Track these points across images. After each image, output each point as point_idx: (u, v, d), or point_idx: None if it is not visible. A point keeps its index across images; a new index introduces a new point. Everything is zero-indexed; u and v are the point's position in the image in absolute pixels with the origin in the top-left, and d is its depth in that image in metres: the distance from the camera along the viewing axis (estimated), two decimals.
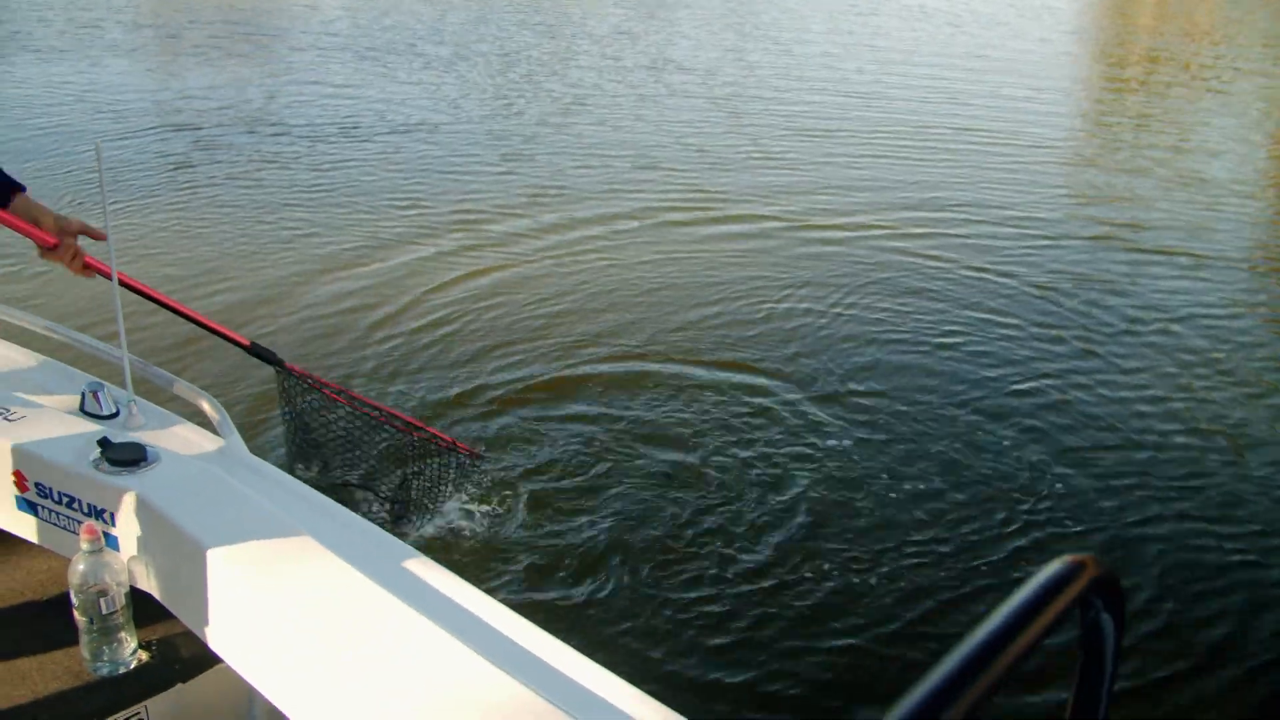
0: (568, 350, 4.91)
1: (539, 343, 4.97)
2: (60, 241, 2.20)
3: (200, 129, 8.57)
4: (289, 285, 5.58)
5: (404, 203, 6.98)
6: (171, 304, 2.62)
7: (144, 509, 1.97)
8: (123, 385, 2.32)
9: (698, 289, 5.72)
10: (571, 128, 8.94)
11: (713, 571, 3.37)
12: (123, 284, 2.22)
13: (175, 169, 7.38)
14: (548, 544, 3.47)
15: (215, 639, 1.85)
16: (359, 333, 5.03)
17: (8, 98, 9.64)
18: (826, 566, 3.44)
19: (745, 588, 3.32)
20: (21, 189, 2.23)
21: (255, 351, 2.92)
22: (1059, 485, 4.00)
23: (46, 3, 15.25)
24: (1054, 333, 5.38)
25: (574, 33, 13.38)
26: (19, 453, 2.11)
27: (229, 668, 1.84)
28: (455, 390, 4.45)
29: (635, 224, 6.75)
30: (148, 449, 2.09)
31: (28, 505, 2.15)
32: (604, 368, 4.72)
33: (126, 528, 2.01)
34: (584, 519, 3.60)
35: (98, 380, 2.39)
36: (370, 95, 9.94)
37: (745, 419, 4.36)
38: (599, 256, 6.14)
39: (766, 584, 3.33)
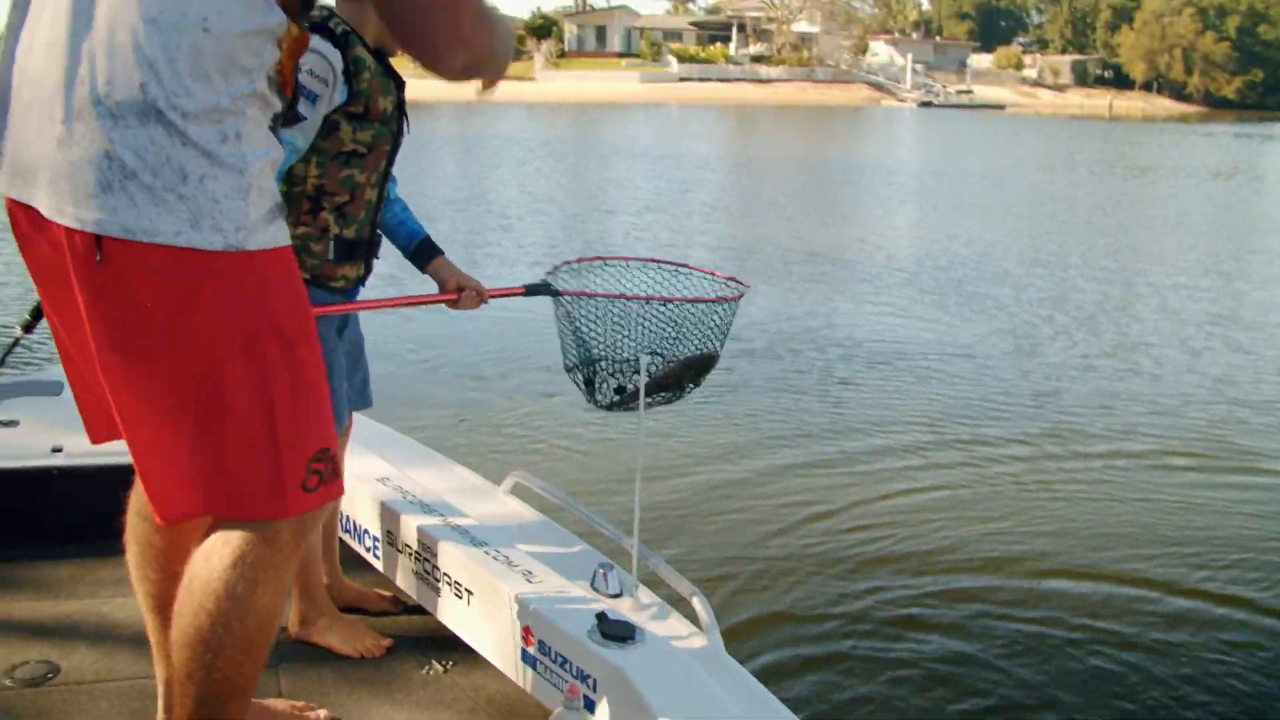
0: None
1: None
2: (459, 295, 2.82)
3: (751, 342, 9.27)
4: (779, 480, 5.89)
5: (917, 421, 7.17)
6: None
7: (623, 683, 2.20)
8: (629, 570, 2.61)
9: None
10: (1095, 373, 8.67)
11: None
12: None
13: (722, 381, 7.95)
14: None
15: None
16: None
17: None
18: None
19: None
20: (441, 252, 2.89)
21: (532, 290, 2.95)
22: None
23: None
24: None
25: (1136, 277, 13.05)
26: (534, 613, 2.45)
27: None
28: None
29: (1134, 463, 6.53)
30: (638, 630, 2.35)
31: (529, 658, 2.47)
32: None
33: (604, 695, 2.25)
34: None
35: (609, 561, 2.71)
36: (916, 326, 10.26)
37: None
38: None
39: None
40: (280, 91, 1.80)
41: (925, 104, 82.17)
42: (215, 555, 1.84)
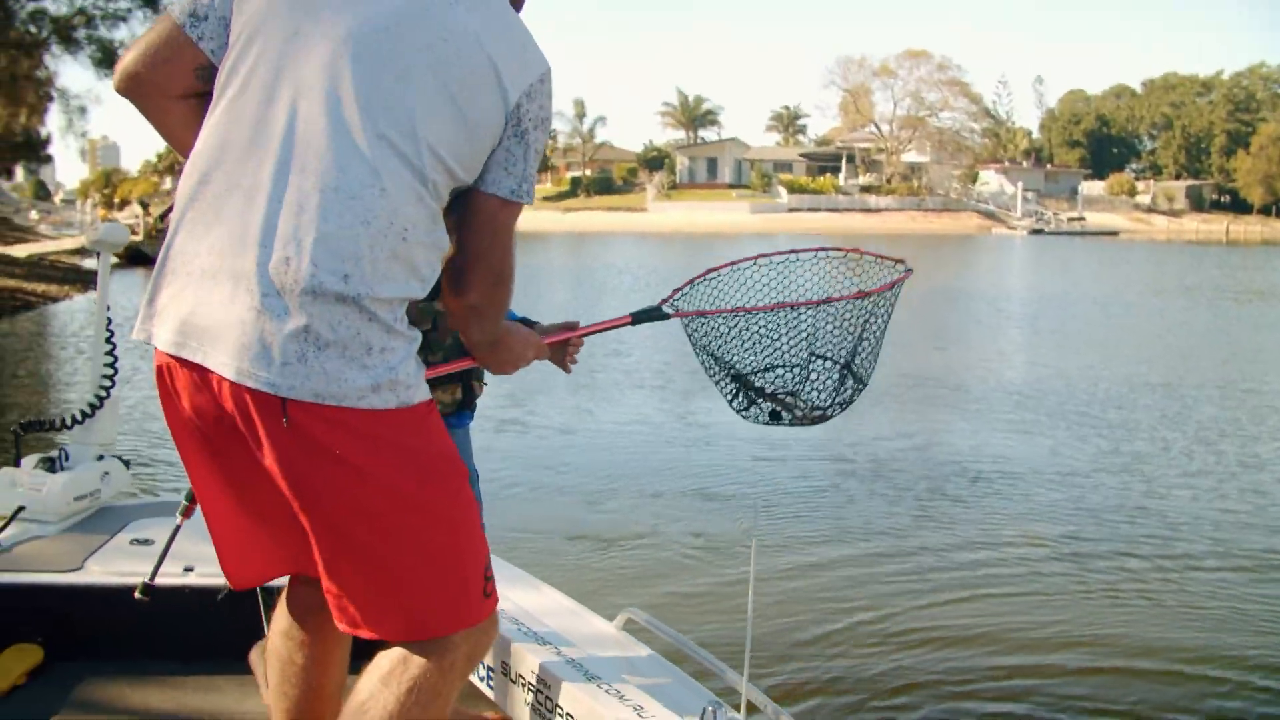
0: None
1: None
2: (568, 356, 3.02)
3: (856, 461, 9.21)
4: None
5: (1028, 541, 7.00)
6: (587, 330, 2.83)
7: None
8: (739, 710, 2.62)
9: None
10: (1202, 493, 8.38)
11: None
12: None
13: (836, 520, 7.89)
14: None
15: None
16: None
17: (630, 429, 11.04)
18: None
19: None
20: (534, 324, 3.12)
21: (641, 318, 2.85)
22: None
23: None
24: None
25: (1250, 400, 12.67)
26: None
27: None
28: None
29: None
30: None
31: None
32: None
33: None
34: None
35: (718, 700, 2.71)
36: (1026, 447, 10.08)
37: None
38: None
39: None
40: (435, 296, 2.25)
41: (1036, 231, 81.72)
42: (394, 680, 2.04)
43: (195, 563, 3.44)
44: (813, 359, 2.88)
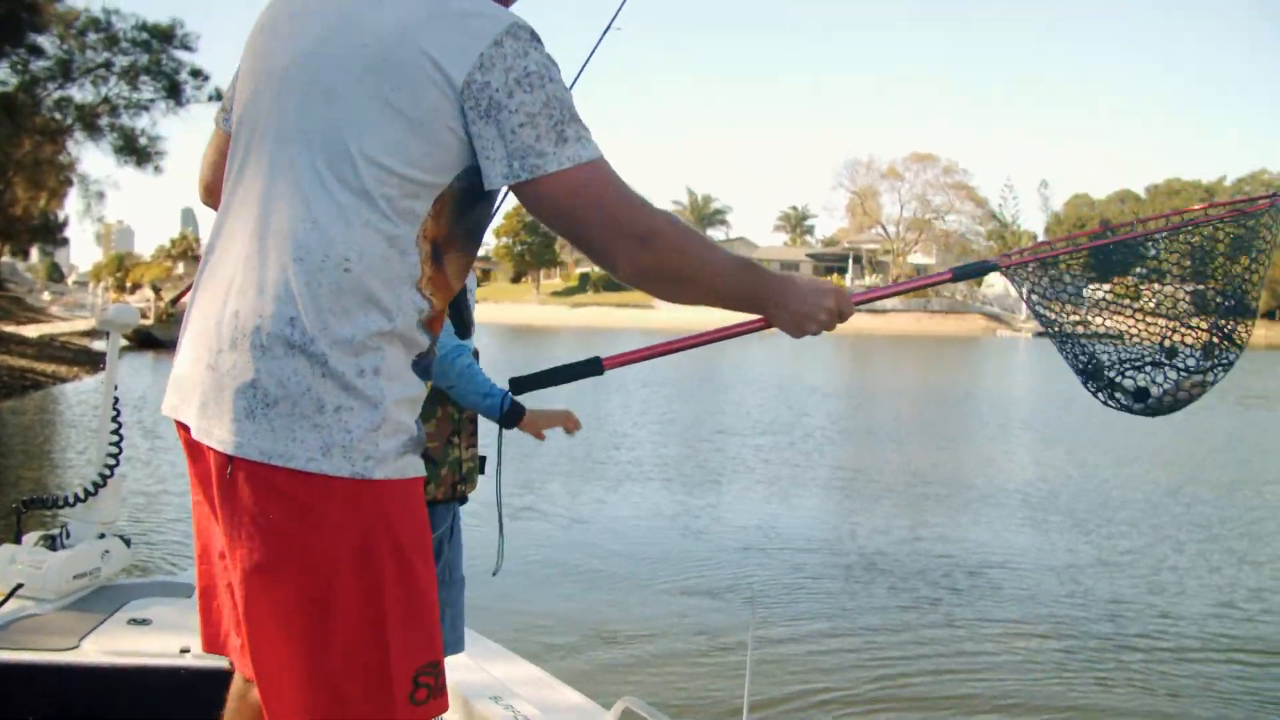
0: None
1: None
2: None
3: (849, 556, 9.18)
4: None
5: (1033, 637, 6.94)
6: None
7: None
8: None
9: None
10: (1203, 590, 8.32)
11: None
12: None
13: (835, 613, 7.87)
14: None
15: None
16: None
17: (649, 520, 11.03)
18: None
19: None
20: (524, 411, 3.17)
21: (964, 274, 2.52)
22: None
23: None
24: None
25: (1253, 501, 12.61)
26: None
27: None
28: None
29: None
30: None
31: None
32: None
33: None
34: None
35: None
36: (1026, 545, 10.04)
37: None
38: None
39: None
40: (429, 331, 1.91)
41: (1040, 334, 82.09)
42: None
43: (192, 644, 3.44)
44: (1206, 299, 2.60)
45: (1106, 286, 2.72)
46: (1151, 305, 2.70)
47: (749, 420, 20.22)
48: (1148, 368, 2.63)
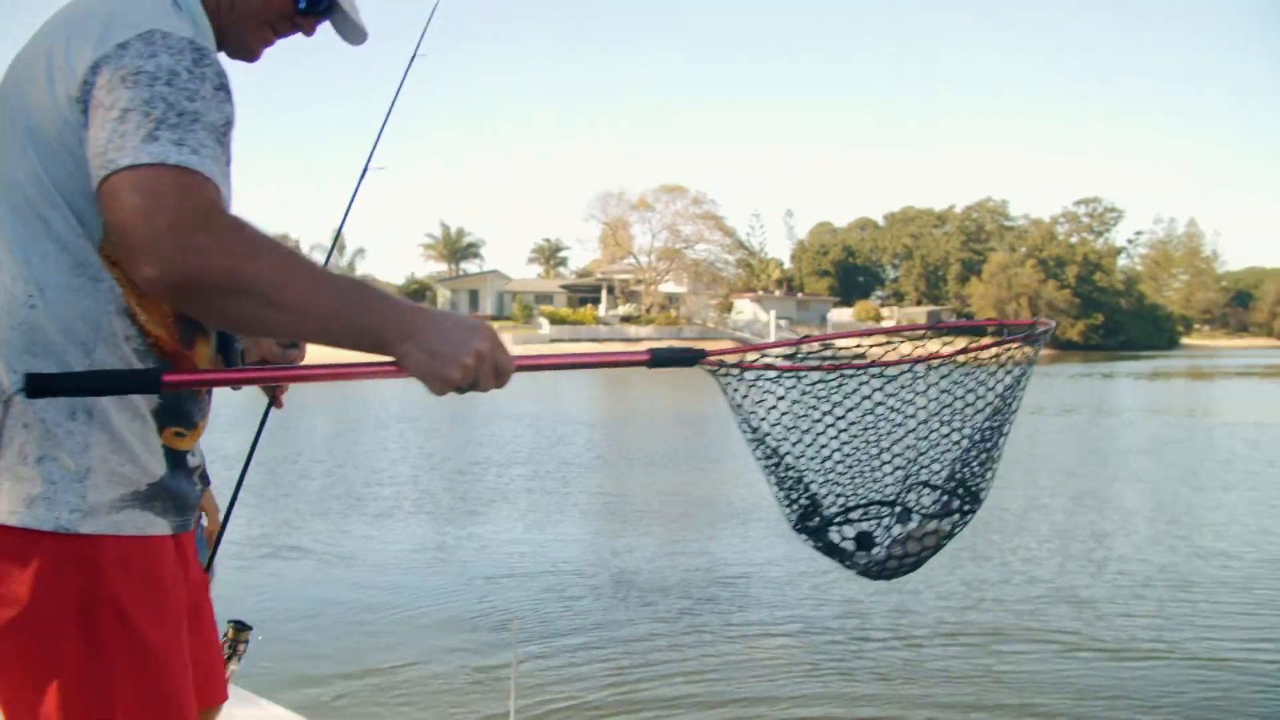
0: None
1: None
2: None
3: (610, 592, 9.45)
4: None
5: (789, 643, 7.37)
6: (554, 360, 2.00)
7: None
8: None
9: None
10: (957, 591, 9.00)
11: None
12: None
13: (594, 628, 8.11)
14: None
15: None
16: None
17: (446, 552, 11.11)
18: None
19: None
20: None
21: (661, 360, 2.01)
22: None
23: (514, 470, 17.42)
24: None
25: (997, 506, 13.56)
26: None
27: None
28: None
29: None
30: None
31: None
32: None
33: None
34: None
35: None
36: (780, 556, 10.55)
37: None
38: None
39: None
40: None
41: (789, 357, 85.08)
42: None
43: None
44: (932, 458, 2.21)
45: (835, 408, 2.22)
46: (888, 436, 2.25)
47: (506, 451, 20.34)
48: (876, 508, 2.25)
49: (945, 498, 2.22)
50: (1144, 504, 14.50)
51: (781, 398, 2.19)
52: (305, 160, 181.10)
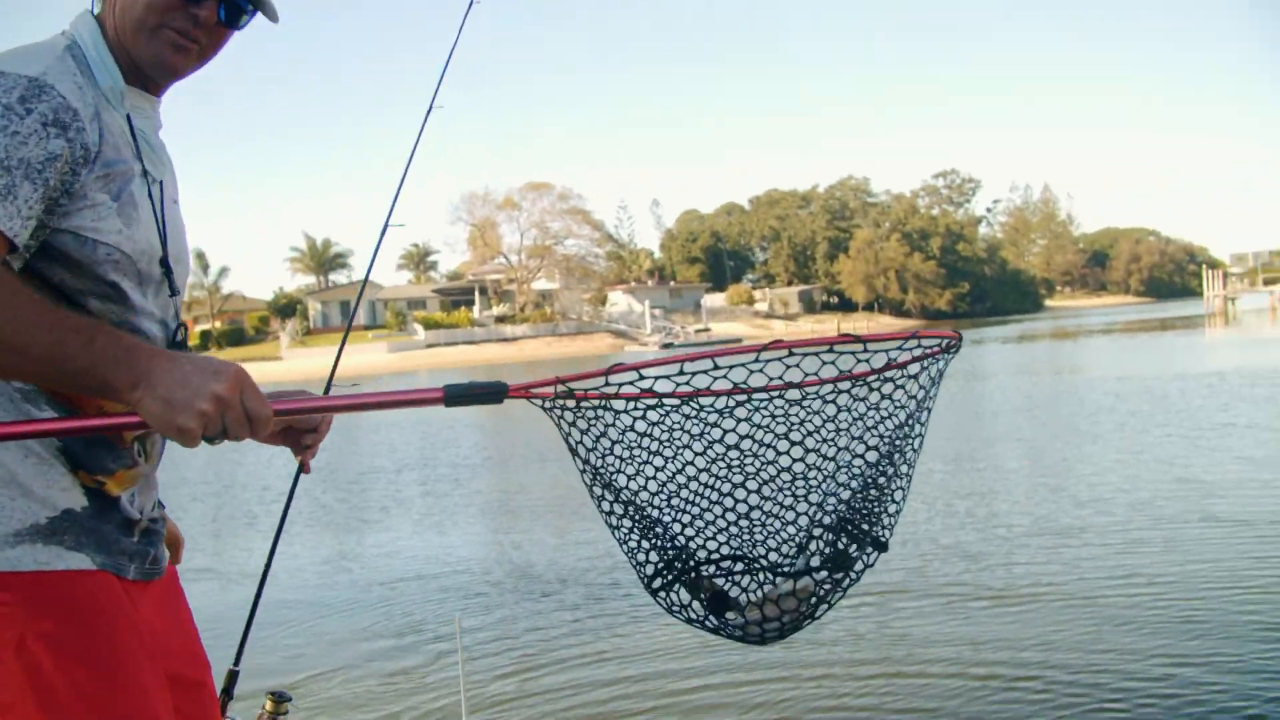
0: None
1: None
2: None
3: (540, 590, 9.62)
4: None
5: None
6: (324, 402, 1.89)
7: None
8: None
9: None
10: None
11: None
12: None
13: (530, 631, 8.24)
14: None
15: None
16: None
17: (368, 559, 11.12)
18: None
19: None
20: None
21: (459, 397, 1.76)
22: None
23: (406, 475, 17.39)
24: None
25: None
26: None
27: None
28: None
29: None
30: None
31: None
32: None
33: None
34: None
35: None
36: None
37: None
38: None
39: None
40: (55, 401, 1.80)
41: (667, 345, 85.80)
42: None
43: None
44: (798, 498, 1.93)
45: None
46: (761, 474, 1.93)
47: (396, 458, 20.29)
48: (744, 563, 1.95)
49: (831, 543, 1.95)
50: (1020, 461, 15.15)
51: (623, 429, 1.89)
52: None
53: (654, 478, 1.92)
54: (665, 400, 1.82)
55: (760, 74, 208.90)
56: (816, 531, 1.94)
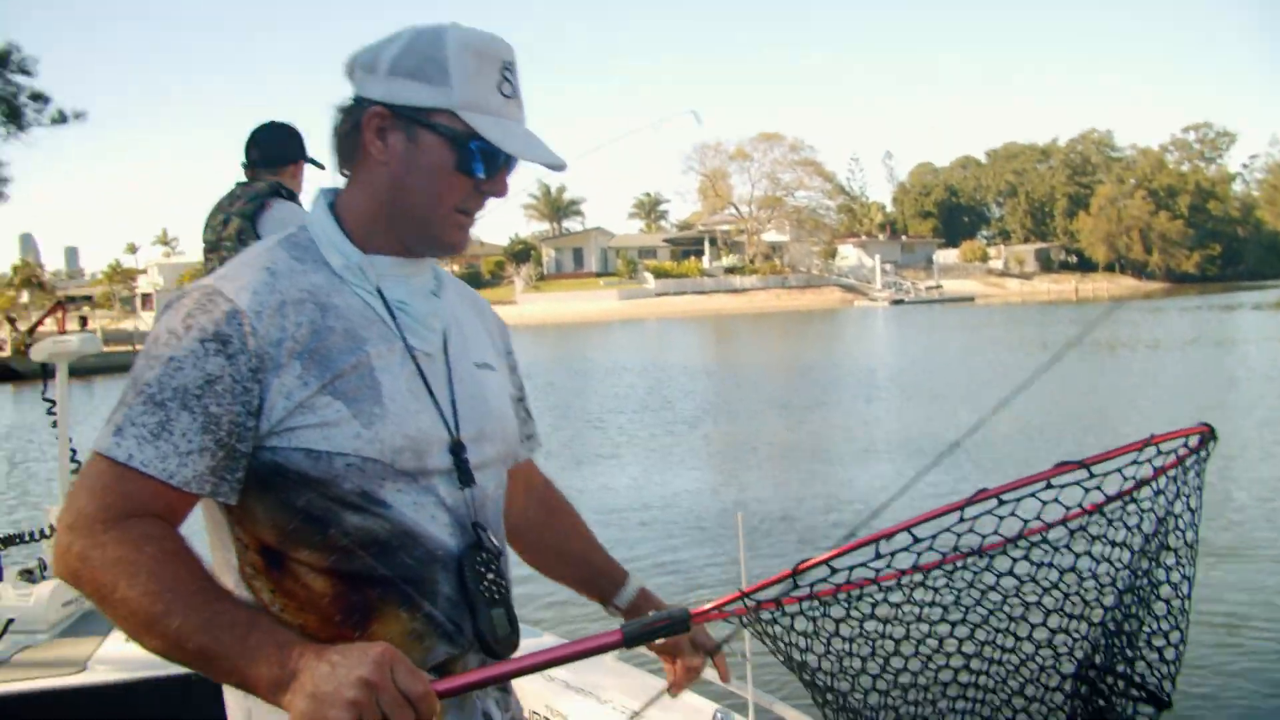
0: None
1: None
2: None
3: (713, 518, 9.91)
4: None
5: None
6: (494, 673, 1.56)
7: None
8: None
9: None
10: None
11: None
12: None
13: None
14: None
15: None
16: None
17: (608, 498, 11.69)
18: None
19: None
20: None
21: (638, 636, 1.58)
22: None
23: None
24: None
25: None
26: None
27: None
28: None
29: None
30: None
31: None
32: None
33: None
34: None
35: (726, 710, 2.93)
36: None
37: None
38: None
39: None
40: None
41: (897, 301, 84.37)
42: None
43: None
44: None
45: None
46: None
47: (621, 407, 20.91)
48: None
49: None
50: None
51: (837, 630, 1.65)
52: None
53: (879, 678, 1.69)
54: (866, 590, 1.58)
55: (996, 24, 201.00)
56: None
